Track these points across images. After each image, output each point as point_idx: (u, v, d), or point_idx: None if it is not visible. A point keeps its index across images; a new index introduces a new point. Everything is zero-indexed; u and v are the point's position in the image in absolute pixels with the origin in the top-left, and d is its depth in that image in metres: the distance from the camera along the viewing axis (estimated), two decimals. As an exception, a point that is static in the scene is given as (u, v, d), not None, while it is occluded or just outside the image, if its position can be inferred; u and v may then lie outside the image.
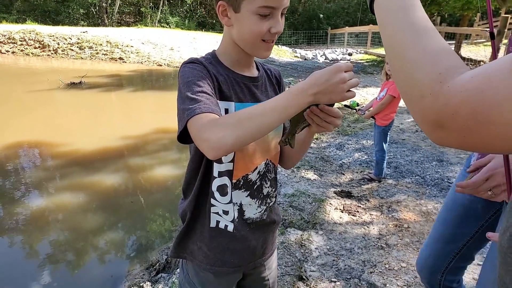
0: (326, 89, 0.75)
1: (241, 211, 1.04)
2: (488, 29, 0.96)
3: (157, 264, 2.72)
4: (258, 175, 1.04)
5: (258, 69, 1.06)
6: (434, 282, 1.39)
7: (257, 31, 0.88)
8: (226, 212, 1.03)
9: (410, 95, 0.52)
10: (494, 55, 0.97)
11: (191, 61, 0.92)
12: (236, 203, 1.03)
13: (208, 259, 1.06)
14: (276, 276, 1.28)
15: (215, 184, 1.00)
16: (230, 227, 1.04)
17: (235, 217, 1.04)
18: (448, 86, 0.46)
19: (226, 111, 0.94)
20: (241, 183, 1.02)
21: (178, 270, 2.46)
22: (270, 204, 1.11)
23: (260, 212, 1.08)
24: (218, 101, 0.91)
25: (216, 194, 1.02)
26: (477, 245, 1.28)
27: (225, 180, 1.00)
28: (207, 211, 1.04)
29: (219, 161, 0.98)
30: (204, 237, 1.05)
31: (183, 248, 1.10)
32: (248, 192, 1.04)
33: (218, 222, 1.04)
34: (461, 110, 0.44)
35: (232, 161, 0.98)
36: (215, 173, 0.99)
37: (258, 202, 1.07)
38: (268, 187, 1.08)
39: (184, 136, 0.83)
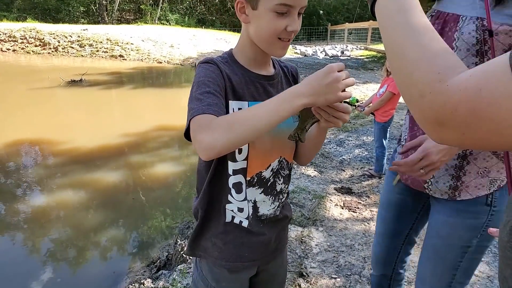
0: (320, 90, 0.77)
1: (255, 207, 1.05)
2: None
3: (158, 261, 2.73)
4: (271, 172, 1.05)
5: (274, 66, 1.07)
6: (388, 273, 1.52)
7: (274, 29, 0.89)
8: (241, 210, 1.04)
9: (410, 94, 0.53)
10: (493, 54, 0.97)
11: (206, 61, 0.94)
12: (251, 200, 1.04)
13: (223, 254, 1.06)
14: (286, 272, 1.29)
15: (231, 181, 1.02)
16: (245, 223, 1.05)
17: (250, 214, 1.05)
18: (447, 85, 0.47)
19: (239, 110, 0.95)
20: (255, 180, 1.03)
21: (179, 267, 2.47)
22: (283, 200, 1.12)
23: (274, 208, 1.09)
24: (231, 101, 0.93)
25: (233, 191, 1.03)
26: (416, 232, 1.43)
27: (240, 178, 1.01)
28: (222, 208, 1.05)
29: (233, 159, 0.99)
30: (219, 232, 1.06)
31: (198, 246, 1.10)
32: (262, 189, 1.05)
33: (233, 217, 1.05)
34: (460, 108, 0.45)
35: (246, 159, 0.99)
36: (230, 171, 1.01)
37: (272, 198, 1.08)
38: (281, 184, 1.09)
39: (189, 134, 0.85)
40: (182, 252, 2.63)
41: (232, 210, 1.05)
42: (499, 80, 0.42)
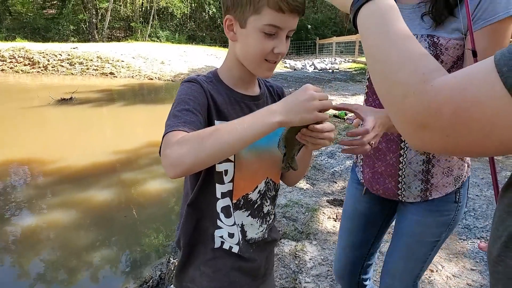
0: (296, 108, 0.76)
1: (243, 231, 1.02)
2: None
3: (151, 281, 2.69)
4: (258, 194, 1.03)
5: (260, 86, 1.05)
6: (353, 284, 1.55)
7: (261, 49, 0.88)
8: (231, 235, 1.00)
9: (392, 96, 0.52)
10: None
11: (189, 80, 0.92)
12: (238, 224, 1.01)
13: (213, 283, 1.02)
14: None
15: (219, 205, 0.98)
16: (235, 249, 1.02)
17: (240, 239, 1.01)
18: (431, 85, 0.47)
19: None
20: (242, 202, 1.00)
21: (172, 287, 2.43)
22: (270, 221, 1.10)
23: (262, 231, 1.07)
24: (216, 120, 0.90)
25: (222, 216, 0.99)
26: (380, 239, 1.49)
27: (227, 201, 0.98)
28: (210, 235, 1.00)
29: (221, 181, 0.96)
30: (207, 259, 1.02)
31: (185, 276, 1.05)
32: (249, 212, 1.02)
33: (222, 243, 1.01)
34: (444, 108, 0.44)
35: (232, 181, 0.97)
36: (218, 195, 0.97)
37: (260, 221, 1.05)
38: (268, 205, 1.07)
39: None
40: (174, 271, 2.59)
41: (222, 236, 1.00)
42: (483, 80, 0.42)
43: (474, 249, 2.66)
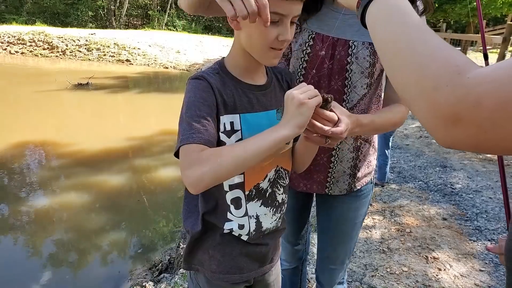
0: (292, 119, 0.81)
1: (258, 223, 1.03)
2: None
3: (160, 264, 2.75)
4: (268, 183, 1.03)
5: (267, 74, 1.04)
6: (300, 262, 1.66)
7: (265, 38, 0.86)
8: (241, 226, 1.01)
9: (419, 89, 0.48)
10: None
11: (196, 77, 0.91)
12: (252, 215, 1.02)
13: (221, 267, 1.03)
14: (280, 283, 1.30)
15: (229, 197, 0.99)
16: (244, 238, 1.03)
17: (251, 230, 1.02)
18: (468, 77, 0.43)
19: (231, 124, 0.92)
20: (254, 193, 1.00)
21: (181, 270, 2.48)
22: (283, 209, 1.10)
23: (275, 220, 1.07)
24: (222, 116, 0.91)
25: (232, 208, 1.00)
26: (309, 222, 1.60)
27: (238, 192, 0.99)
28: (219, 226, 1.02)
29: None
30: (216, 243, 1.03)
31: (194, 259, 1.07)
32: (261, 201, 1.02)
33: (231, 230, 1.02)
34: (485, 101, 0.41)
35: (243, 173, 0.97)
36: (226, 187, 0.98)
37: (273, 210, 1.05)
38: (282, 194, 1.07)
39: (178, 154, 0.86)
40: (183, 254, 2.64)
41: (231, 229, 1.01)
42: None
43: (483, 251, 2.64)
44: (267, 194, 1.03)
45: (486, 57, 0.96)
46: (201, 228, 1.02)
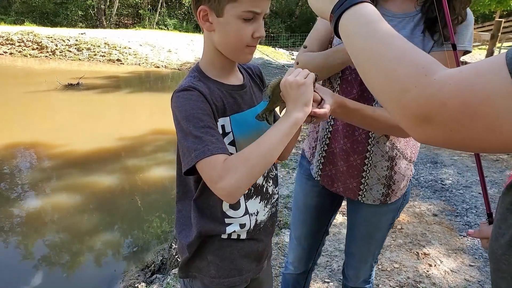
0: (296, 100, 0.84)
1: (256, 218, 1.04)
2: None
3: (152, 265, 2.74)
4: (263, 178, 1.04)
5: (241, 72, 1.05)
6: (307, 270, 1.63)
7: (241, 36, 0.88)
8: (243, 226, 1.02)
9: (390, 92, 0.51)
10: (457, 65, 1.01)
11: (184, 89, 0.88)
12: (253, 213, 1.03)
13: (220, 272, 1.03)
14: (272, 280, 1.31)
15: (225, 203, 0.98)
16: (243, 236, 1.03)
17: (251, 227, 1.03)
18: (435, 78, 0.45)
19: (223, 127, 0.93)
20: (252, 191, 1.02)
21: (173, 271, 2.47)
22: (273, 201, 1.11)
23: (267, 211, 1.08)
24: (219, 118, 0.91)
25: (230, 212, 1.00)
26: (330, 225, 1.57)
27: None
28: (217, 234, 1.01)
29: None
30: (215, 248, 1.02)
31: (191, 267, 1.05)
32: (260, 197, 1.04)
33: (230, 234, 1.02)
34: (450, 102, 0.43)
35: None
36: None
37: (265, 202, 1.07)
38: (271, 186, 1.09)
39: (191, 172, 0.85)
40: (176, 256, 2.64)
41: (234, 231, 1.01)
42: (494, 77, 0.41)
43: (473, 246, 2.67)
44: (264, 189, 1.05)
45: (454, 48, 1.00)
46: (198, 239, 1.00)
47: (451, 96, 0.43)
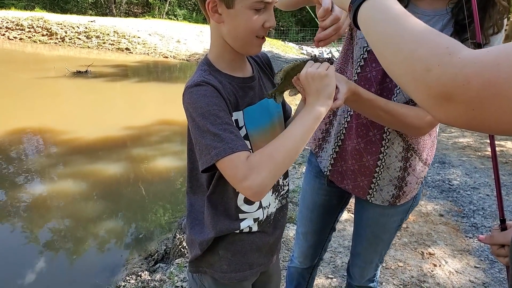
0: (320, 93, 0.83)
1: (267, 211, 1.04)
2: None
3: (156, 254, 2.75)
4: None
5: (250, 63, 1.04)
6: (312, 265, 1.63)
7: (252, 26, 0.86)
8: (256, 219, 1.01)
9: (413, 72, 0.51)
10: None
11: (197, 84, 0.85)
12: (266, 206, 1.02)
13: (232, 266, 1.02)
14: (280, 273, 1.30)
15: (241, 198, 0.98)
16: (255, 228, 1.02)
17: (262, 219, 1.03)
18: (459, 57, 0.45)
19: (236, 121, 0.91)
20: None
21: (177, 261, 2.48)
22: (283, 193, 1.10)
23: (277, 203, 1.07)
24: (233, 112, 0.90)
25: (244, 207, 0.99)
26: (337, 222, 1.56)
27: None
28: (235, 227, 1.00)
29: None
30: (226, 243, 1.01)
31: (202, 262, 1.04)
32: (272, 190, 1.03)
33: (247, 227, 1.01)
34: (474, 81, 0.43)
35: None
36: (231, 192, 0.97)
37: (275, 194, 1.06)
38: (281, 177, 1.07)
39: (209, 169, 0.83)
40: (180, 246, 2.64)
41: (248, 226, 1.00)
42: None
43: (479, 247, 2.64)
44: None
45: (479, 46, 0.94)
46: (211, 235, 0.99)
47: (475, 75, 0.43)
